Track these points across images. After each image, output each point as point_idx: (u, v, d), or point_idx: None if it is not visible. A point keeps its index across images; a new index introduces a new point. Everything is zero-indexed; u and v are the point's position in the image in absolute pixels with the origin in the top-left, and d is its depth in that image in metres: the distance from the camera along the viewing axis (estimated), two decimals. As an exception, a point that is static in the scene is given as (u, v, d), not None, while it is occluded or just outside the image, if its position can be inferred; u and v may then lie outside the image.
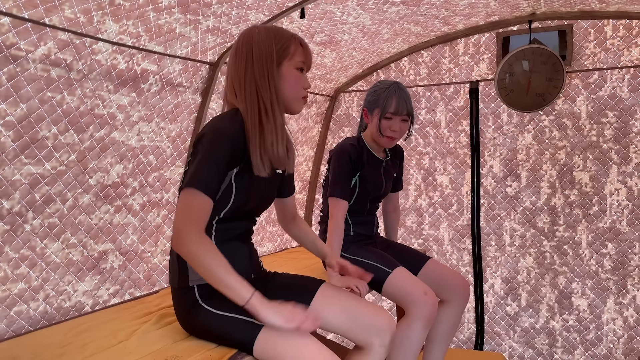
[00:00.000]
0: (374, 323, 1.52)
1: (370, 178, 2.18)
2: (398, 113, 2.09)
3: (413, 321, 1.96)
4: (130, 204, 2.22)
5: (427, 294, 1.96)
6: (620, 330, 3.07)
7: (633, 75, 2.95)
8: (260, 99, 1.42)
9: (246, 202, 1.46)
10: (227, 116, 1.43)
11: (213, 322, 1.41)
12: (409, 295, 1.98)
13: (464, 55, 3.30)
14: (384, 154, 2.28)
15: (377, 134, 2.13)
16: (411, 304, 1.97)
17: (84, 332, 1.57)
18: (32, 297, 1.87)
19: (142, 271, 2.30)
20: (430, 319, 1.96)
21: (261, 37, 1.44)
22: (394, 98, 2.09)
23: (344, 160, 2.11)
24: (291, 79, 1.47)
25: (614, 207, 3.06)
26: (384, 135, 2.12)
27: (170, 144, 2.37)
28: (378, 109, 2.11)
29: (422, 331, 1.96)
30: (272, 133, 1.42)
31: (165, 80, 2.26)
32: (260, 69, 1.43)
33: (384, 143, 2.16)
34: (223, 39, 2.33)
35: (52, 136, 1.84)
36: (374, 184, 2.21)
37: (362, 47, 3.06)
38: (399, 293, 2.01)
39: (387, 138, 2.13)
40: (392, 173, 2.31)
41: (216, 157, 1.34)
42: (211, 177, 1.33)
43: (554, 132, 3.16)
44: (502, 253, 3.34)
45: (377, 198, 2.28)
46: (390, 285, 2.03)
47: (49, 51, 1.74)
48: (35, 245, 1.86)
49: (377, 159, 2.23)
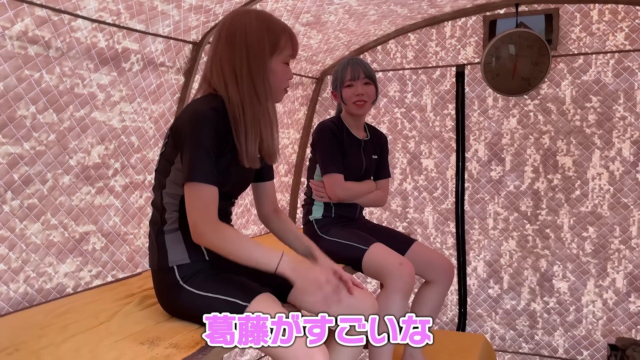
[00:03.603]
0: (357, 305, 1.53)
1: (349, 155, 2.21)
2: (355, 78, 2.18)
3: (391, 292, 1.96)
4: (112, 185, 2.19)
5: (402, 265, 1.97)
6: (600, 312, 3.13)
7: (617, 61, 2.96)
8: (255, 93, 1.42)
9: (223, 185, 1.46)
10: (206, 101, 1.42)
11: (195, 303, 1.40)
12: (385, 267, 1.99)
13: (451, 39, 3.29)
14: (364, 134, 2.31)
15: (345, 104, 2.22)
16: (387, 276, 1.98)
17: (65, 314, 1.56)
18: (12, 278, 1.85)
19: (125, 253, 2.29)
20: (407, 289, 1.96)
21: (254, 26, 1.44)
22: (348, 67, 2.21)
23: (328, 135, 2.17)
24: (278, 74, 1.48)
25: (595, 192, 3.09)
26: (350, 104, 2.20)
27: (153, 125, 2.34)
28: (337, 82, 2.24)
29: (401, 302, 1.96)
30: (267, 127, 1.45)
31: (147, 59, 2.21)
32: (255, 63, 1.42)
33: (355, 111, 2.22)
34: (207, 18, 2.29)
35: (31, 115, 1.80)
36: (354, 161, 2.23)
37: (349, 29, 3.03)
38: (376, 268, 2.03)
39: (354, 105, 2.20)
40: (371, 154, 2.32)
41: (206, 146, 1.35)
42: (209, 166, 1.35)
43: (538, 117, 3.18)
44: (485, 236, 3.37)
45: (359, 179, 2.28)
46: (367, 261, 2.05)
47: (26, 28, 1.69)
48: (15, 226, 1.83)
49: (356, 138, 2.27)
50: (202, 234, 1.33)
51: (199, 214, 1.33)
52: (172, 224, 1.47)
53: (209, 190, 1.34)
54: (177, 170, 1.43)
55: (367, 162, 2.28)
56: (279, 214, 1.73)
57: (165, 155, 1.47)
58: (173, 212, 1.47)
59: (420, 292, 2.24)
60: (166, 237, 1.47)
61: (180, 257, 1.45)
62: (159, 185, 1.49)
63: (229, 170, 1.44)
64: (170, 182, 1.46)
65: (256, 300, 1.34)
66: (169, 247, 1.46)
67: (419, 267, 2.15)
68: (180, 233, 1.46)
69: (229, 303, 1.35)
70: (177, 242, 1.46)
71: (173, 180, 1.45)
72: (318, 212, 2.24)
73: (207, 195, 1.34)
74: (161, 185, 1.48)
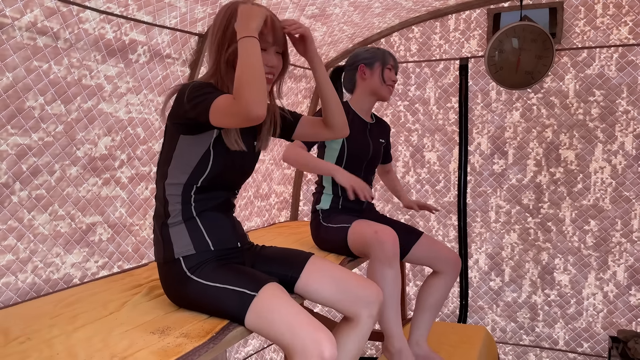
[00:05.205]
0: (362, 294, 1.54)
1: (356, 138, 2.21)
2: (395, 68, 2.28)
3: (373, 262, 1.95)
4: (119, 177, 2.20)
5: (377, 232, 1.94)
6: (600, 304, 3.15)
7: (621, 54, 2.96)
8: (229, 82, 1.42)
9: (222, 172, 1.47)
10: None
11: (203, 294, 1.42)
12: (364, 239, 1.99)
13: (455, 32, 3.29)
14: (370, 118, 2.34)
15: (379, 84, 2.24)
16: (368, 247, 1.97)
17: (73, 304, 1.57)
18: (20, 268, 1.86)
19: (131, 244, 2.30)
20: (387, 256, 1.91)
21: (221, 15, 1.44)
22: (388, 55, 2.28)
23: None
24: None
25: (597, 185, 3.10)
26: (386, 84, 2.24)
27: (159, 117, 2.34)
28: (379, 62, 2.24)
29: (387, 270, 1.92)
30: None
31: (153, 51, 2.22)
32: (221, 52, 1.43)
33: (385, 93, 2.26)
34: (212, 10, 2.29)
35: (39, 106, 1.81)
36: (361, 144, 2.24)
37: (353, 21, 3.03)
38: (358, 243, 2.04)
39: (388, 87, 2.26)
40: (378, 138, 2.34)
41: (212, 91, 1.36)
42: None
43: (541, 110, 3.18)
44: (487, 229, 3.38)
45: (369, 165, 2.29)
46: (351, 239, 2.06)
47: (35, 19, 1.70)
48: (23, 216, 1.84)
49: (363, 121, 2.29)
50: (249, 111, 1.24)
51: (239, 105, 1.26)
52: (175, 216, 1.48)
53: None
54: (179, 157, 1.45)
55: (374, 144, 2.29)
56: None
57: (166, 142, 1.49)
58: (176, 204, 1.48)
59: (427, 282, 2.26)
60: (171, 230, 1.48)
61: (185, 249, 1.46)
62: (161, 177, 1.50)
63: (227, 154, 1.45)
64: (172, 171, 1.47)
65: (264, 290, 1.36)
66: (174, 239, 1.47)
67: (427, 259, 2.19)
68: (185, 225, 1.47)
69: (238, 293, 1.36)
70: (182, 234, 1.47)
71: (175, 168, 1.46)
72: (326, 203, 2.24)
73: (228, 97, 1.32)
74: (163, 176, 1.49)
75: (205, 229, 1.49)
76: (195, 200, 1.48)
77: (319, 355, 1.24)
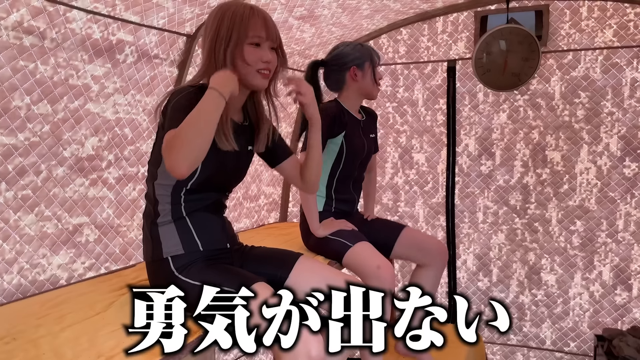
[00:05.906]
0: (351, 295, 1.55)
1: (354, 137, 2.21)
2: (379, 64, 2.26)
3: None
4: (106, 177, 2.19)
5: (380, 268, 1.96)
6: (587, 304, 3.19)
7: (606, 57, 3.00)
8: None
9: (213, 175, 1.46)
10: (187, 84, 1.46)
11: (190, 294, 1.41)
12: (364, 268, 2.00)
13: (443, 34, 3.31)
14: (360, 115, 2.33)
15: (372, 85, 2.22)
16: (366, 277, 1.98)
17: (60, 304, 1.56)
18: (6, 269, 1.84)
19: (118, 245, 2.29)
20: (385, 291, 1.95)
21: (212, 15, 1.45)
22: (375, 51, 2.24)
23: (326, 121, 2.12)
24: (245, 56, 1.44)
25: (583, 186, 3.14)
26: (376, 86, 2.23)
27: (147, 117, 2.34)
28: (368, 62, 2.20)
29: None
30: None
31: (141, 51, 2.21)
32: (215, 49, 1.43)
33: (376, 92, 2.26)
34: (201, 11, 2.29)
35: (25, 106, 1.79)
36: (357, 142, 2.23)
37: (342, 23, 3.04)
38: (356, 267, 2.05)
39: (378, 88, 2.25)
40: (369, 133, 2.33)
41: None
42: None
43: (528, 112, 3.22)
44: (475, 230, 3.41)
45: (362, 163, 2.29)
46: (348, 258, 2.06)
47: (21, 18, 1.68)
48: (9, 217, 1.82)
49: (356, 119, 2.27)
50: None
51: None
52: (165, 216, 1.48)
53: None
54: None
55: (367, 142, 2.29)
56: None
57: (157, 142, 1.48)
58: (166, 204, 1.48)
59: (414, 275, 2.25)
60: (160, 230, 1.48)
61: (174, 248, 1.46)
62: (151, 177, 1.50)
63: (217, 157, 1.43)
64: (162, 172, 1.46)
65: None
66: (163, 238, 1.47)
67: (412, 252, 2.18)
68: (174, 225, 1.47)
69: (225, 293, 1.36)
70: (171, 234, 1.47)
71: (164, 169, 1.45)
72: (319, 205, 2.24)
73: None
74: (153, 177, 1.49)
75: (195, 230, 1.49)
76: (185, 200, 1.48)
77: (307, 354, 1.25)
